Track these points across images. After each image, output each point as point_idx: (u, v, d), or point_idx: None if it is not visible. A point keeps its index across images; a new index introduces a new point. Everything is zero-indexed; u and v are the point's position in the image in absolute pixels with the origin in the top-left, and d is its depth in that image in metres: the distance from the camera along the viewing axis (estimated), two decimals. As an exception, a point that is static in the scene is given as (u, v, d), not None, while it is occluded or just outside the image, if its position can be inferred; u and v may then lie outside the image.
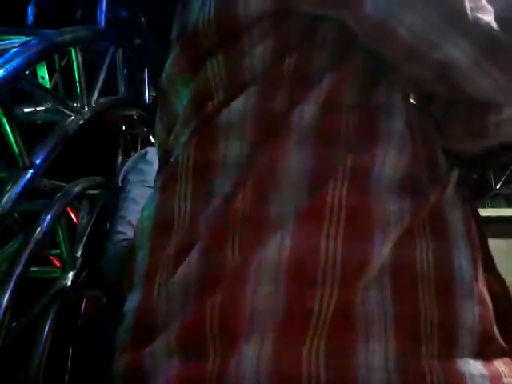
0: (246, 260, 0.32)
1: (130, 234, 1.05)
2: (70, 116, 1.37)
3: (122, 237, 1.06)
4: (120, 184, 1.19)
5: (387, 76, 0.39)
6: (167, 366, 0.32)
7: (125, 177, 1.18)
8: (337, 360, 0.30)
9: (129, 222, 1.07)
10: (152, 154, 1.21)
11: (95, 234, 1.58)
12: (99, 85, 1.56)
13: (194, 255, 0.34)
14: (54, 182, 1.51)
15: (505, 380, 0.32)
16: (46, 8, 2.06)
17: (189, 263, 0.34)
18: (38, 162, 1.17)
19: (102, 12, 1.77)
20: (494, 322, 0.35)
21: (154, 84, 2.26)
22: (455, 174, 0.38)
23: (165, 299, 0.34)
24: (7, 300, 1.06)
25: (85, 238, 1.51)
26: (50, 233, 1.29)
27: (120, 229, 1.08)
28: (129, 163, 1.25)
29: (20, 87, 1.16)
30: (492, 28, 0.35)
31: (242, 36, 0.38)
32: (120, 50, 1.80)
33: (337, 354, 0.30)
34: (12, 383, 1.21)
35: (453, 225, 0.36)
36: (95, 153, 2.32)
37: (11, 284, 1.08)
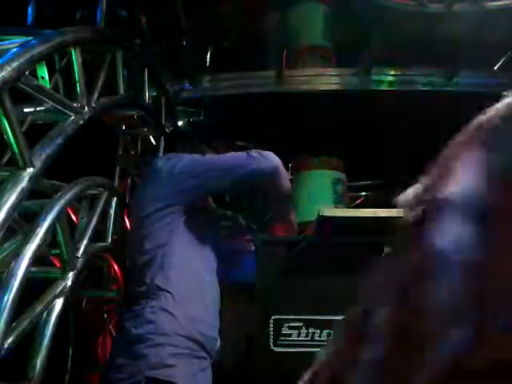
0: None
1: None
2: (70, 116, 1.36)
3: None
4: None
5: None
6: None
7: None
8: None
9: None
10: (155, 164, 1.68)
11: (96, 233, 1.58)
12: (99, 85, 1.56)
13: None
14: (54, 181, 1.51)
15: None
16: (46, 8, 2.06)
17: None
18: (38, 162, 1.17)
19: (101, 12, 1.77)
20: None
21: (154, 84, 2.26)
22: None
23: None
24: (8, 301, 1.06)
25: (85, 238, 1.51)
26: (50, 233, 1.29)
27: None
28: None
29: (20, 87, 1.16)
30: None
31: None
32: (120, 49, 1.80)
33: None
34: (12, 383, 1.21)
35: None
36: (95, 153, 2.32)
37: (12, 284, 1.08)
